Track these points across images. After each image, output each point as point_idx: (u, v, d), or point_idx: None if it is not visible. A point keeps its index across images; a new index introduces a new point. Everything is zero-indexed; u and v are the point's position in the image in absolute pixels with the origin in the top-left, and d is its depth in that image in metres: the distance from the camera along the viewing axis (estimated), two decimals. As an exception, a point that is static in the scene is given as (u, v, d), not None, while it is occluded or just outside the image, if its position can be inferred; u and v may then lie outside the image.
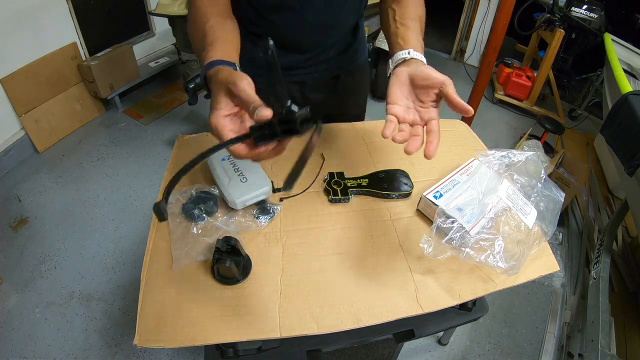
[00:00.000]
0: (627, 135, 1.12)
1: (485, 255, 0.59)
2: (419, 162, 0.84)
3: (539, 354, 1.34)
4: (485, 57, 1.98)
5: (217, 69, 0.49)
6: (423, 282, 0.61)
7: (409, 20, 0.66)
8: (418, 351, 1.35)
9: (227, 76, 0.46)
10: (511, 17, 1.83)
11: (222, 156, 0.74)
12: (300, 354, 0.66)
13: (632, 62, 1.74)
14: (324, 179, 0.76)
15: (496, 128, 2.63)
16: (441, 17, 4.19)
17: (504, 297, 1.54)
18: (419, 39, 0.63)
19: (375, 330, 0.65)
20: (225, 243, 0.55)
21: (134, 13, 2.58)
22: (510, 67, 2.81)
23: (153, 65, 2.68)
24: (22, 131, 2.06)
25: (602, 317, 1.11)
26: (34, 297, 1.45)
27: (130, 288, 1.50)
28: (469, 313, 0.77)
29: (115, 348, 1.31)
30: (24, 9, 1.90)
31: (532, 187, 0.71)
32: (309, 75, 0.86)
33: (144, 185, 1.98)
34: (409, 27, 0.64)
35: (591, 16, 2.27)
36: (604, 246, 1.33)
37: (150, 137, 2.32)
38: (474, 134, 0.95)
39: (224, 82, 0.45)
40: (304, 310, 0.56)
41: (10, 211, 1.79)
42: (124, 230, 1.73)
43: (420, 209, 0.73)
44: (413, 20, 0.66)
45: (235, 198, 0.66)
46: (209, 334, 0.53)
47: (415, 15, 0.67)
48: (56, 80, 2.15)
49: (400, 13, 0.67)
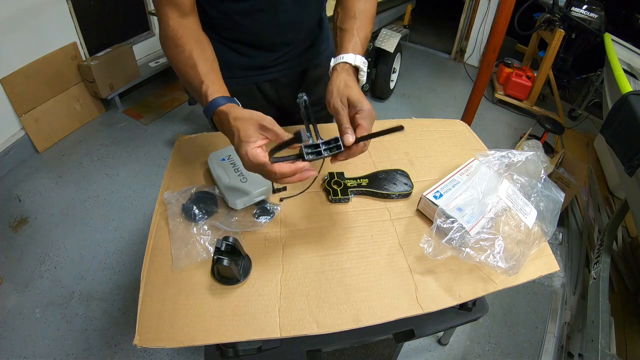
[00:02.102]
0: (627, 135, 1.12)
1: (485, 255, 0.59)
2: (419, 162, 0.84)
3: (539, 354, 1.34)
4: (485, 57, 1.98)
5: (229, 107, 0.56)
6: (423, 282, 0.61)
7: (347, 21, 0.70)
8: (418, 351, 1.35)
9: (252, 115, 0.54)
10: (511, 17, 1.83)
11: (222, 156, 0.74)
12: (300, 354, 0.66)
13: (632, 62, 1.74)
14: (324, 179, 0.76)
15: (496, 128, 2.64)
16: (441, 17, 4.21)
17: (504, 297, 1.54)
18: (354, 39, 0.67)
19: (375, 330, 0.65)
20: (225, 243, 0.55)
21: (134, 13, 2.58)
22: (510, 67, 2.81)
23: (153, 65, 2.68)
24: (22, 131, 2.06)
25: (602, 317, 1.11)
26: (34, 297, 1.45)
27: (130, 288, 1.50)
28: (469, 313, 0.77)
29: (115, 348, 1.31)
30: (24, 9, 1.90)
31: (532, 187, 0.71)
32: (281, 72, 0.88)
33: (144, 185, 1.98)
34: (344, 30, 0.69)
35: (591, 16, 2.27)
36: (604, 246, 1.33)
37: (150, 137, 2.32)
38: (474, 134, 0.95)
39: (255, 120, 0.53)
40: (304, 310, 0.56)
41: (10, 211, 1.79)
42: (124, 230, 1.73)
43: (420, 209, 0.73)
44: (351, 20, 0.70)
45: (235, 198, 0.66)
46: (209, 334, 0.53)
47: (353, 13, 0.70)
48: (56, 80, 2.15)
49: (341, 16, 0.72)
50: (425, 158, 0.86)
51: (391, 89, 2.83)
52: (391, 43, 2.43)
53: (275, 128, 0.52)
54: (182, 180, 0.75)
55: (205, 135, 0.87)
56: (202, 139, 0.86)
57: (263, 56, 0.83)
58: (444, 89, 3.04)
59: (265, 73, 0.87)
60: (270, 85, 0.90)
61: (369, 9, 0.72)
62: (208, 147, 0.79)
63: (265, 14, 0.73)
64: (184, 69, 0.62)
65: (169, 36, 0.64)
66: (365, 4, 0.72)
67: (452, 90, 3.02)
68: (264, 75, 0.87)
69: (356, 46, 0.66)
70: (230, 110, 0.55)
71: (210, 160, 0.74)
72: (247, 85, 0.87)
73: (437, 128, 0.96)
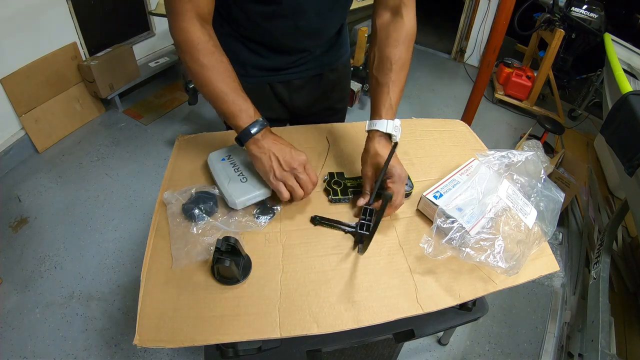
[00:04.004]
0: (627, 135, 1.12)
1: (486, 255, 0.59)
2: (419, 162, 0.84)
3: (539, 354, 1.34)
4: (485, 57, 1.98)
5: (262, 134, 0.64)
6: (423, 282, 0.61)
7: (383, 72, 0.70)
8: (418, 351, 1.35)
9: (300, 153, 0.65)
10: (511, 17, 1.83)
11: (222, 156, 0.74)
12: (300, 354, 0.66)
13: (632, 62, 1.74)
14: (324, 179, 0.76)
15: (496, 128, 2.63)
16: (441, 17, 4.21)
17: (504, 297, 1.54)
18: (388, 100, 0.69)
19: (375, 330, 0.65)
20: (225, 243, 0.55)
21: (134, 13, 2.58)
22: (510, 67, 2.81)
23: (153, 65, 2.68)
24: (22, 131, 2.06)
25: (602, 317, 1.11)
26: (34, 297, 1.45)
27: (130, 288, 1.50)
28: (469, 313, 0.76)
29: (115, 348, 1.31)
30: (23, 9, 1.90)
31: (532, 187, 0.71)
32: (295, 75, 0.88)
33: (144, 185, 1.98)
34: (380, 85, 0.70)
35: (591, 16, 2.27)
36: (604, 246, 1.33)
37: (150, 137, 2.32)
38: (474, 134, 0.95)
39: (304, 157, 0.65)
40: (304, 310, 0.56)
41: (10, 211, 1.79)
42: (124, 230, 1.73)
43: (420, 209, 0.72)
44: (387, 72, 0.69)
45: (235, 198, 0.66)
46: (209, 334, 0.53)
47: (390, 64, 0.69)
48: (56, 80, 2.15)
49: (377, 64, 0.71)
50: (425, 158, 0.86)
51: (391, 89, 2.83)
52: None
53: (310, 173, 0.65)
54: (182, 180, 0.75)
55: (205, 135, 0.87)
56: (202, 139, 0.85)
57: (279, 58, 0.83)
58: (444, 89, 3.04)
59: (279, 74, 0.86)
60: (283, 86, 0.89)
61: (404, 56, 0.70)
62: (208, 147, 0.79)
63: (287, 20, 0.73)
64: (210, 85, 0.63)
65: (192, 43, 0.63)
66: (401, 52, 0.70)
67: (452, 90, 3.02)
68: (278, 76, 0.86)
69: (390, 110, 0.69)
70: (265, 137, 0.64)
71: (210, 160, 0.74)
72: (260, 85, 0.87)
73: (437, 128, 0.96)
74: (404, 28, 0.71)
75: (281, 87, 0.89)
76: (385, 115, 0.68)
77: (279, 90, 0.89)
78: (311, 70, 0.89)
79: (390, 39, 0.70)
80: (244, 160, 0.73)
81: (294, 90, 0.91)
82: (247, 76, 0.83)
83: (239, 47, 0.80)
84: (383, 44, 0.71)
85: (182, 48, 0.64)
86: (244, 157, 0.73)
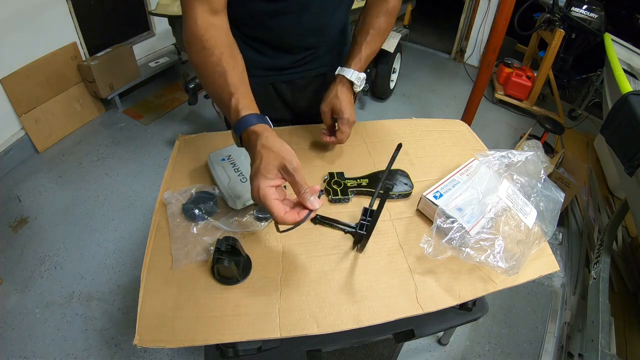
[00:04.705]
0: (627, 135, 1.12)
1: (486, 255, 0.59)
2: (419, 162, 0.84)
3: (539, 354, 1.34)
4: (485, 57, 1.98)
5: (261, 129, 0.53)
6: (423, 282, 0.61)
7: (360, 33, 0.79)
8: (418, 351, 1.35)
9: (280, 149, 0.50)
10: (511, 17, 1.83)
11: (222, 156, 0.74)
12: (300, 354, 0.66)
13: (632, 62, 1.74)
14: (324, 179, 0.76)
15: (496, 128, 2.63)
16: (441, 17, 4.21)
17: (504, 297, 1.54)
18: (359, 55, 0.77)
19: (375, 330, 0.65)
20: (225, 243, 0.55)
21: (134, 13, 2.58)
22: (510, 67, 2.81)
23: (153, 65, 2.68)
24: (22, 131, 2.06)
25: (602, 317, 1.11)
26: (34, 297, 1.45)
27: (130, 288, 1.50)
28: (469, 313, 0.76)
29: (115, 348, 1.31)
30: (23, 9, 1.90)
31: (532, 187, 0.71)
32: (299, 74, 0.88)
33: (144, 185, 1.98)
34: (355, 43, 0.79)
35: (591, 16, 2.27)
36: (604, 246, 1.33)
37: (150, 137, 2.32)
38: (474, 134, 0.95)
39: (281, 157, 0.50)
40: (304, 310, 0.56)
41: (10, 211, 1.79)
42: (124, 230, 1.73)
43: (420, 209, 0.72)
44: (364, 34, 0.78)
45: (235, 198, 0.66)
46: (209, 334, 0.53)
47: (368, 28, 0.78)
48: (56, 80, 2.15)
49: (359, 27, 0.80)
50: (425, 158, 0.86)
51: (391, 89, 2.83)
52: (391, 43, 2.43)
53: (296, 176, 0.50)
54: (182, 180, 0.75)
55: (205, 135, 0.87)
56: (202, 139, 0.85)
57: (282, 57, 0.83)
58: (444, 89, 3.04)
59: (283, 74, 0.86)
60: (287, 86, 0.89)
61: (383, 26, 0.79)
62: (208, 147, 0.79)
63: (290, 17, 0.73)
64: (212, 75, 0.59)
65: (197, 35, 0.60)
66: (380, 21, 0.78)
67: (452, 90, 3.02)
68: (281, 76, 0.87)
69: (358, 62, 0.77)
70: (262, 134, 0.52)
71: (210, 160, 0.74)
72: (263, 85, 0.87)
73: (437, 128, 0.96)
74: (389, 2, 0.79)
75: (284, 87, 0.89)
76: (354, 66, 0.76)
77: (282, 90, 0.89)
78: (314, 70, 0.89)
79: (375, 9, 0.79)
80: (244, 161, 0.73)
81: (298, 90, 0.91)
82: (251, 76, 0.82)
83: (241, 47, 0.79)
84: (367, 13, 0.80)
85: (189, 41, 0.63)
86: (244, 157, 0.73)
